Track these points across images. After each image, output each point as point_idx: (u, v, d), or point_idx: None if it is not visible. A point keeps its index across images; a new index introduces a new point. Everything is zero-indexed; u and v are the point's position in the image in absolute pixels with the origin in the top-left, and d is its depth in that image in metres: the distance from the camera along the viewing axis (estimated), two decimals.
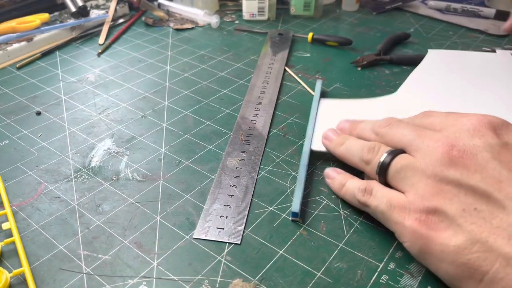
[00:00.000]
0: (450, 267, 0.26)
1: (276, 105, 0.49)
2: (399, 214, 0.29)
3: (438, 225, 0.27)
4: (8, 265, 0.31)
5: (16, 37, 0.61)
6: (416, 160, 0.29)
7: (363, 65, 0.56)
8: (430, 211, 0.27)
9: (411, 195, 0.29)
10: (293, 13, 0.72)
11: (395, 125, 0.34)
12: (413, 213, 0.28)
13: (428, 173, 0.28)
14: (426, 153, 0.29)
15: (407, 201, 0.29)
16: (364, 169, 0.34)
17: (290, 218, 0.34)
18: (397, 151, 0.31)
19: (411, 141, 0.31)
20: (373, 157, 0.33)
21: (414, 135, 0.31)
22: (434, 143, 0.29)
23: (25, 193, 0.37)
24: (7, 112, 0.48)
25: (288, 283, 0.29)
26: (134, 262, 0.31)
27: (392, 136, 0.33)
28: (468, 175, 0.27)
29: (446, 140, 0.28)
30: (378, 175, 0.32)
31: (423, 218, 0.27)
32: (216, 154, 0.41)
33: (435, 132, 0.30)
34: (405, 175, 0.30)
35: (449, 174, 0.27)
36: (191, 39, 0.66)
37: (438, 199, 0.27)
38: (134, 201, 0.36)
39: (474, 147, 0.28)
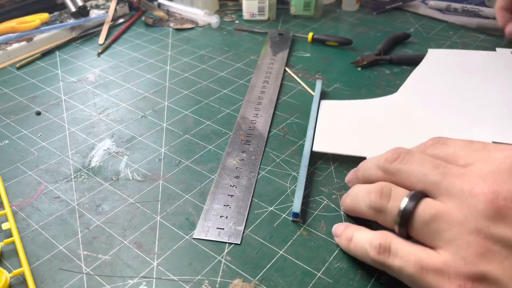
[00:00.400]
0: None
1: (276, 105, 0.49)
2: (435, 279, 0.23)
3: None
4: (8, 265, 0.31)
5: (16, 37, 0.61)
6: (450, 210, 0.24)
7: (363, 65, 0.56)
8: (476, 278, 0.22)
9: (448, 255, 0.23)
10: (293, 13, 0.72)
11: (407, 160, 0.27)
12: (455, 279, 0.23)
13: (470, 228, 0.23)
14: (462, 201, 0.23)
15: (443, 263, 0.23)
16: (375, 219, 0.29)
17: (290, 218, 0.34)
18: (420, 195, 0.26)
19: (436, 183, 0.25)
20: (386, 203, 0.27)
21: (437, 174, 0.25)
22: (471, 188, 0.23)
23: (25, 193, 0.37)
24: (7, 112, 0.48)
25: (288, 283, 0.29)
26: (134, 262, 0.31)
27: (408, 175, 0.27)
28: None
29: (485, 185, 0.23)
30: (399, 226, 0.26)
31: (469, 285, 0.22)
32: (216, 154, 0.41)
33: (465, 171, 0.25)
34: (438, 228, 0.24)
35: (498, 231, 0.22)
36: (191, 39, 0.66)
37: (486, 262, 0.22)
38: (134, 201, 0.36)
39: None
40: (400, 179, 0.27)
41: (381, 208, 0.27)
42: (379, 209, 0.27)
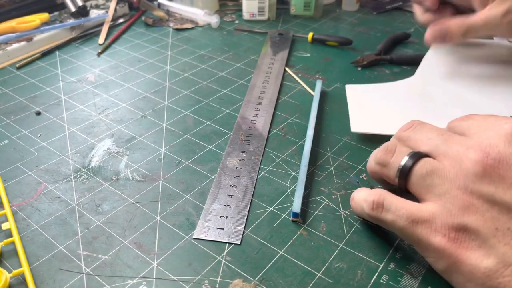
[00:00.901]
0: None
1: (276, 105, 0.49)
2: (423, 230, 0.26)
3: (468, 244, 0.24)
4: (8, 265, 0.31)
5: (16, 37, 0.61)
6: (444, 167, 0.26)
7: (363, 65, 0.56)
8: (460, 228, 0.25)
9: (436, 208, 0.26)
10: (293, 13, 0.72)
11: (418, 128, 0.30)
12: (440, 229, 0.25)
13: (459, 183, 0.25)
14: (456, 160, 0.26)
15: (432, 214, 0.26)
16: (381, 173, 0.31)
17: (290, 218, 0.34)
18: (421, 154, 0.28)
19: (438, 145, 0.28)
20: (390, 158, 0.30)
21: (441, 139, 0.28)
22: (465, 149, 0.26)
23: (25, 193, 0.37)
24: (7, 112, 0.48)
25: (288, 283, 0.29)
26: (134, 262, 0.31)
27: (415, 140, 0.29)
28: (503, 189, 0.24)
29: (479, 147, 0.25)
30: (399, 178, 0.29)
31: (452, 235, 0.25)
32: (216, 154, 0.41)
33: (466, 137, 0.27)
34: (431, 182, 0.26)
35: (482, 187, 0.24)
36: (191, 39, 0.66)
37: (469, 215, 0.24)
38: (134, 201, 0.36)
39: (511, 156, 0.24)
40: (409, 144, 0.30)
41: (385, 162, 0.30)
42: (383, 163, 0.30)
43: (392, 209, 0.28)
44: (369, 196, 0.29)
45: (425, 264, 0.30)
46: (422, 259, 0.30)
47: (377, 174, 0.32)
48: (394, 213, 0.28)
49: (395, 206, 0.28)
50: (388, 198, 0.28)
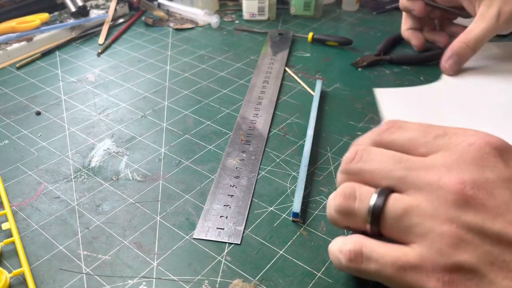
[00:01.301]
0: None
1: (276, 105, 0.49)
2: (414, 276, 0.23)
3: (466, 284, 0.22)
4: (8, 265, 0.31)
5: (16, 37, 0.61)
6: (420, 203, 0.23)
7: (363, 66, 0.56)
8: (453, 269, 0.22)
9: (424, 249, 0.23)
10: (293, 13, 0.72)
11: (366, 157, 0.26)
12: (433, 272, 0.22)
13: (442, 219, 0.23)
14: (431, 193, 0.23)
15: (420, 258, 0.23)
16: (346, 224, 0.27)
17: (290, 218, 0.34)
18: (387, 191, 0.25)
19: (402, 178, 0.25)
20: (353, 204, 0.26)
21: (400, 168, 0.25)
22: (438, 180, 0.23)
23: (25, 193, 0.37)
24: (7, 112, 0.48)
25: (288, 283, 0.29)
26: (134, 262, 0.31)
27: (370, 172, 0.26)
28: (490, 219, 0.22)
29: (451, 175, 0.23)
30: (371, 224, 0.25)
31: (446, 278, 0.22)
32: (216, 154, 0.41)
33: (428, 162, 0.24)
34: (410, 223, 0.23)
35: (469, 219, 0.22)
36: (191, 39, 0.66)
37: (461, 252, 0.22)
38: (134, 201, 0.36)
39: (488, 182, 0.23)
40: (364, 179, 0.26)
41: (348, 210, 0.26)
42: (347, 212, 0.26)
43: (373, 257, 0.24)
44: (344, 245, 0.25)
45: None
46: None
47: (341, 224, 0.27)
48: (377, 261, 0.24)
49: (377, 253, 0.24)
50: (367, 244, 0.25)
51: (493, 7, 0.47)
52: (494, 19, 0.47)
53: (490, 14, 0.47)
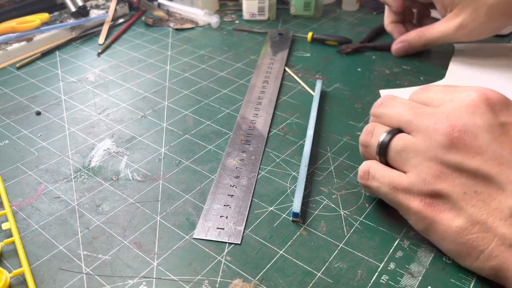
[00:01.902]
0: (451, 245, 0.28)
1: (276, 105, 0.49)
2: (403, 196, 0.29)
3: (441, 207, 0.28)
4: (8, 265, 0.31)
5: (16, 37, 0.61)
6: (416, 141, 0.29)
7: (348, 52, 0.60)
8: (433, 194, 0.28)
9: (413, 177, 0.29)
10: (293, 13, 0.72)
11: (389, 104, 0.33)
12: (417, 195, 0.29)
13: (430, 155, 0.28)
14: (426, 134, 0.29)
15: (409, 183, 0.29)
16: (366, 153, 0.34)
17: (290, 218, 0.34)
18: (395, 131, 0.31)
19: (410, 121, 0.30)
20: (370, 138, 0.33)
21: (411, 114, 0.31)
22: (434, 124, 0.29)
23: (25, 193, 0.37)
24: (7, 112, 0.48)
25: (288, 283, 0.29)
26: (134, 262, 0.31)
27: (389, 116, 0.32)
28: (469, 158, 0.27)
29: (445, 120, 0.28)
30: (379, 155, 0.32)
31: (427, 200, 0.28)
32: (216, 154, 0.41)
33: (434, 110, 0.30)
34: (406, 156, 0.30)
35: (450, 157, 0.27)
36: (191, 39, 0.66)
37: (441, 182, 0.28)
38: (134, 201, 0.36)
39: (475, 126, 0.27)
40: (384, 121, 0.33)
41: (366, 143, 0.33)
42: (365, 144, 0.33)
43: (377, 176, 0.31)
44: (361, 166, 0.33)
45: (425, 264, 0.30)
46: (422, 259, 0.31)
47: (364, 155, 0.34)
48: (379, 180, 0.31)
49: (380, 174, 0.31)
50: (373, 166, 0.32)
51: (459, 17, 0.48)
52: (454, 29, 0.49)
53: (454, 23, 0.49)
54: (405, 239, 0.32)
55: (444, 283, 0.29)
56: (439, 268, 0.30)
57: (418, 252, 0.31)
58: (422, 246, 0.31)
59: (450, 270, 0.30)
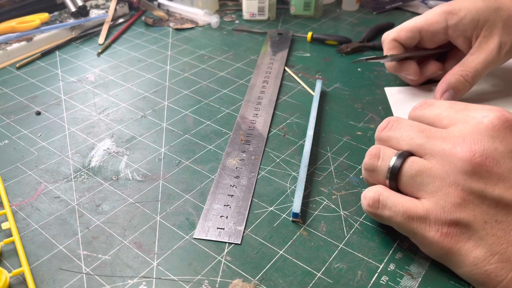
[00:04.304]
0: (467, 273, 0.27)
1: (276, 105, 0.49)
2: (419, 225, 0.28)
3: (459, 237, 0.26)
4: (8, 265, 0.31)
5: (16, 37, 0.61)
6: (433, 166, 0.27)
7: (347, 52, 0.59)
8: (452, 223, 0.26)
9: (430, 205, 0.27)
10: (293, 13, 0.72)
11: (395, 126, 0.31)
12: (434, 224, 0.27)
13: (449, 181, 0.27)
14: (444, 159, 0.27)
15: (426, 211, 0.27)
16: (371, 179, 0.32)
17: (290, 219, 0.34)
18: (406, 153, 0.29)
19: (421, 144, 0.29)
20: (376, 162, 0.30)
21: (422, 136, 0.29)
22: (451, 148, 0.27)
23: (25, 193, 0.37)
24: (7, 112, 0.48)
25: (288, 283, 0.29)
26: (134, 262, 0.31)
27: (396, 139, 0.30)
28: (492, 185, 0.26)
29: (464, 144, 0.26)
30: (390, 180, 0.29)
31: (445, 230, 0.27)
32: (216, 154, 0.41)
33: (447, 133, 0.28)
34: (422, 181, 0.28)
35: (472, 184, 0.26)
36: (191, 39, 0.66)
37: (461, 211, 0.26)
38: (134, 201, 0.36)
39: (496, 152, 0.26)
40: (391, 144, 0.31)
41: (372, 167, 0.31)
42: (371, 168, 0.31)
43: (388, 205, 0.29)
44: (368, 192, 0.30)
45: (424, 265, 0.30)
46: (422, 260, 0.31)
47: (367, 180, 0.32)
48: (391, 209, 0.29)
49: (392, 202, 0.29)
50: (384, 193, 0.29)
51: (493, 37, 0.42)
52: (495, 51, 0.42)
53: (492, 45, 0.43)
54: (405, 240, 0.32)
55: (443, 284, 0.29)
56: (439, 269, 0.30)
57: (418, 253, 0.31)
58: None
59: (450, 271, 0.30)
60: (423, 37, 0.46)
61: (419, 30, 0.45)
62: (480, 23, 0.42)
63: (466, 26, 0.43)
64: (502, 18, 0.42)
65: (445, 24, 0.44)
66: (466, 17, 0.43)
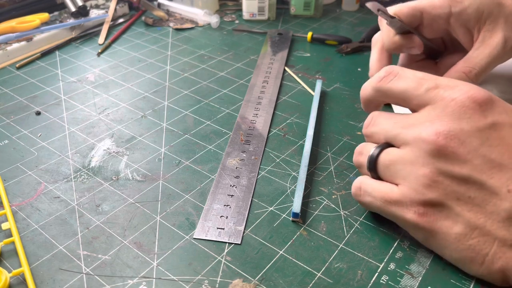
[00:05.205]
0: (454, 253, 0.28)
1: (276, 105, 0.49)
2: (397, 209, 0.29)
3: (436, 216, 0.28)
4: (8, 265, 0.31)
5: (16, 37, 0.61)
6: (405, 153, 0.29)
7: (347, 52, 0.59)
8: (426, 204, 0.28)
9: (404, 189, 0.29)
10: (293, 13, 0.72)
11: (376, 121, 0.32)
12: (410, 206, 0.28)
13: (419, 165, 0.28)
14: (413, 145, 0.28)
15: (401, 195, 0.29)
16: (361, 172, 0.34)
17: (290, 218, 0.34)
18: (384, 145, 0.31)
19: (397, 135, 0.30)
20: (361, 158, 0.33)
21: (396, 127, 0.30)
22: (419, 133, 0.28)
23: (25, 193, 0.37)
24: (7, 112, 0.48)
25: (288, 283, 0.29)
26: (134, 262, 0.31)
27: (377, 134, 0.32)
28: (459, 165, 0.27)
29: (430, 128, 0.28)
30: (369, 171, 0.31)
31: (421, 211, 0.28)
32: (216, 154, 0.41)
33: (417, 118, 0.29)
34: (395, 169, 0.29)
35: (440, 166, 0.27)
36: (191, 39, 0.66)
37: (432, 191, 0.27)
38: (134, 201, 0.36)
39: (462, 132, 0.27)
40: (374, 139, 0.32)
41: (358, 163, 0.33)
42: (358, 165, 0.33)
43: (368, 191, 0.31)
44: (354, 182, 0.33)
45: (425, 265, 0.30)
46: (422, 260, 0.31)
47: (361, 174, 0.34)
48: (371, 194, 0.31)
49: (371, 188, 0.31)
50: (365, 182, 0.32)
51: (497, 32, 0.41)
52: (501, 45, 0.40)
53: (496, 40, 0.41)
54: (405, 240, 0.32)
55: (444, 283, 0.29)
56: (439, 268, 0.30)
57: (418, 253, 0.31)
58: (422, 246, 0.31)
59: (450, 270, 0.30)
60: (424, 20, 0.43)
61: (421, 11, 0.43)
62: (484, 15, 0.41)
63: (470, 16, 0.41)
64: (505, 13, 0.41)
65: (449, 10, 0.42)
66: (470, 7, 0.41)
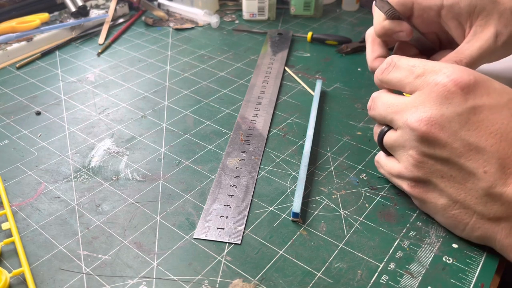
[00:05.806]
0: (442, 218, 0.33)
1: (276, 105, 0.49)
2: (397, 180, 0.35)
3: (425, 189, 0.32)
4: (8, 265, 0.31)
5: (16, 37, 0.61)
6: (399, 136, 0.33)
7: (348, 51, 0.59)
8: (415, 180, 0.33)
9: (401, 166, 0.34)
10: (293, 13, 0.72)
11: (376, 105, 0.36)
12: (406, 180, 0.34)
13: (407, 149, 0.32)
14: (403, 130, 0.32)
15: (399, 171, 0.34)
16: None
17: (290, 218, 0.34)
18: (386, 129, 0.35)
19: (391, 121, 0.34)
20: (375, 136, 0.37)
21: (390, 112, 0.34)
22: (407, 118, 0.31)
23: (25, 193, 0.37)
24: (7, 112, 0.48)
25: (288, 283, 0.29)
26: (134, 262, 0.31)
27: (377, 118, 0.36)
28: (439, 148, 0.30)
29: (415, 114, 0.31)
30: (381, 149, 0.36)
31: (413, 184, 0.33)
32: (216, 154, 0.41)
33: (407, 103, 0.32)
34: (394, 150, 0.34)
35: (423, 149, 0.31)
36: (191, 39, 0.66)
37: (419, 170, 0.32)
38: (134, 201, 0.36)
39: (442, 118, 0.30)
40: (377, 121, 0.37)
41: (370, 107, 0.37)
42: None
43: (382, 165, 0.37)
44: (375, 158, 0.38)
45: (425, 264, 0.30)
46: (422, 259, 0.31)
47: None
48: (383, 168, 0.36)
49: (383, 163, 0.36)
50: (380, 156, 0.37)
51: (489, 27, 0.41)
52: (492, 39, 0.40)
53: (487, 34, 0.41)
54: (405, 239, 0.32)
55: (444, 283, 0.29)
56: (439, 268, 0.30)
57: (418, 252, 0.31)
58: (422, 246, 0.32)
59: (450, 270, 0.30)
60: (414, 11, 0.43)
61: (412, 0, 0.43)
62: (477, 10, 0.41)
63: (462, 10, 0.41)
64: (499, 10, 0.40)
65: (440, 2, 0.42)
66: (462, 1, 0.41)
